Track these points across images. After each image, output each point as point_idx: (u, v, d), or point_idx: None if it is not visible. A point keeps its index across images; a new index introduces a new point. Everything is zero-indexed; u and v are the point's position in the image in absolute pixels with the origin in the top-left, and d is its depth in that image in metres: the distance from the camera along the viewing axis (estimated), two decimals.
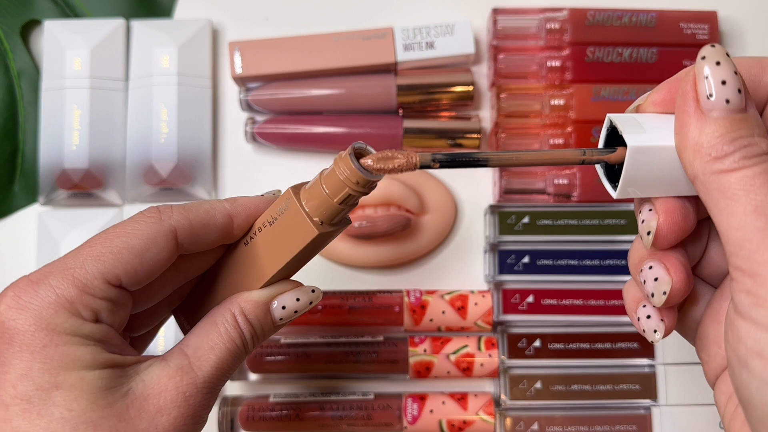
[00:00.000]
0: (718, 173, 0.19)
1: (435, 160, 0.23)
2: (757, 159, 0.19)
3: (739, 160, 0.19)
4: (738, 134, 0.19)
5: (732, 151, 0.19)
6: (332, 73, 0.42)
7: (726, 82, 0.20)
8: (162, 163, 0.41)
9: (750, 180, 0.19)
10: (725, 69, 0.20)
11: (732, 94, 0.20)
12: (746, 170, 0.19)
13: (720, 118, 0.20)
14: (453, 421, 0.39)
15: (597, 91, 0.42)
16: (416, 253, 0.43)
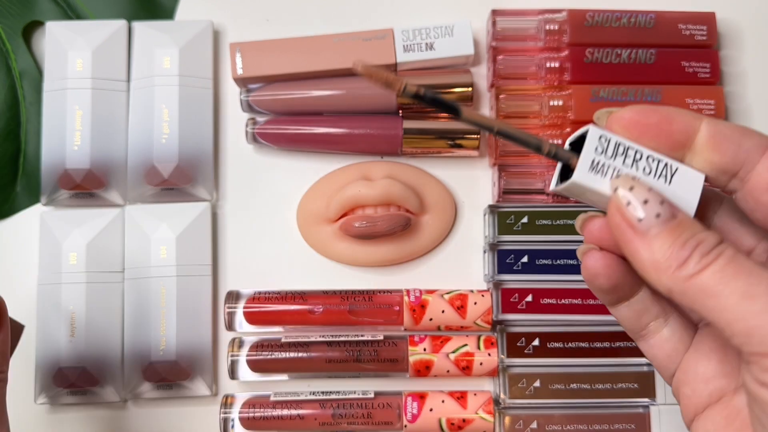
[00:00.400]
0: (689, 279, 0.20)
1: (417, 94, 0.23)
2: (715, 252, 0.20)
3: (700, 259, 0.20)
4: (684, 238, 0.21)
5: (689, 255, 0.20)
6: (332, 74, 0.43)
7: (648, 200, 0.21)
8: (163, 164, 0.42)
9: (721, 272, 0.20)
10: (640, 189, 0.21)
11: (658, 208, 0.21)
12: (713, 265, 0.20)
13: (660, 232, 0.21)
14: (452, 419, 0.39)
15: (596, 92, 0.42)
16: (416, 252, 0.43)
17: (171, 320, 0.41)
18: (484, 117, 0.24)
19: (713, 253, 0.20)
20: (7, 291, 0.44)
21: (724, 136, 0.23)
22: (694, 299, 0.20)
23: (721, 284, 0.20)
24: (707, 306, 0.20)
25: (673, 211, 0.21)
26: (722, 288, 0.20)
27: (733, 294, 0.19)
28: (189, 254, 0.42)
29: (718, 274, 0.20)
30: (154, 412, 0.42)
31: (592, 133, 0.23)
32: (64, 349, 0.40)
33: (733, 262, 0.20)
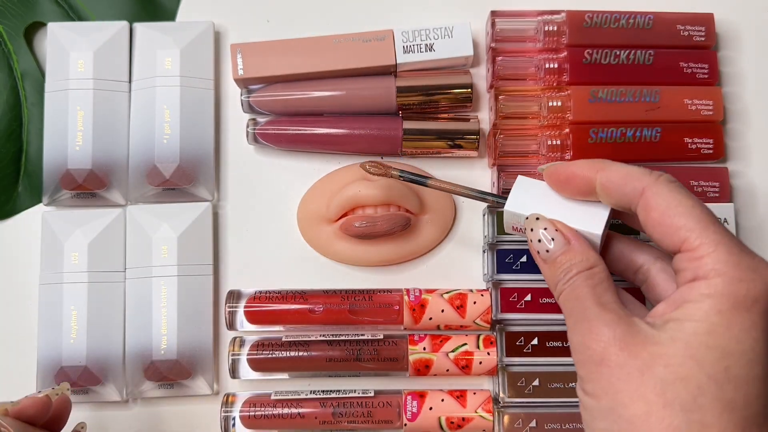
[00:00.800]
0: (561, 295, 0.30)
1: (400, 175, 0.37)
2: (573, 279, 0.29)
3: (567, 281, 0.29)
4: (564, 267, 0.29)
5: (557, 282, 0.30)
6: (333, 75, 0.43)
7: (541, 239, 0.30)
8: (165, 164, 0.42)
9: (564, 299, 0.29)
10: (536, 232, 0.31)
11: (546, 247, 0.30)
12: (567, 289, 0.29)
13: (547, 260, 0.30)
14: (452, 418, 0.40)
15: (594, 92, 0.42)
16: (416, 252, 0.43)
17: (172, 319, 0.41)
18: (446, 183, 0.36)
19: (572, 279, 0.29)
20: (8, 290, 0.44)
21: (612, 184, 0.29)
22: (565, 313, 0.30)
23: (564, 307, 0.30)
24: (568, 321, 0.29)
25: (561, 247, 0.30)
26: (564, 308, 0.30)
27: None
28: (190, 254, 0.42)
29: (568, 294, 0.29)
30: (156, 411, 0.43)
31: (520, 180, 0.33)
32: (65, 349, 0.41)
33: (573, 292, 0.29)
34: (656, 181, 0.28)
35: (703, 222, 0.26)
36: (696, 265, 0.26)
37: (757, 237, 0.44)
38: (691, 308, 0.26)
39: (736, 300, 0.25)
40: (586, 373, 0.27)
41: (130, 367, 0.41)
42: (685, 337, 0.25)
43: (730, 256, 0.26)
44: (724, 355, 0.25)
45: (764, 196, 0.44)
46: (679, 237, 0.27)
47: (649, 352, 0.26)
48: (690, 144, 0.43)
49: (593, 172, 0.30)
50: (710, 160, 0.43)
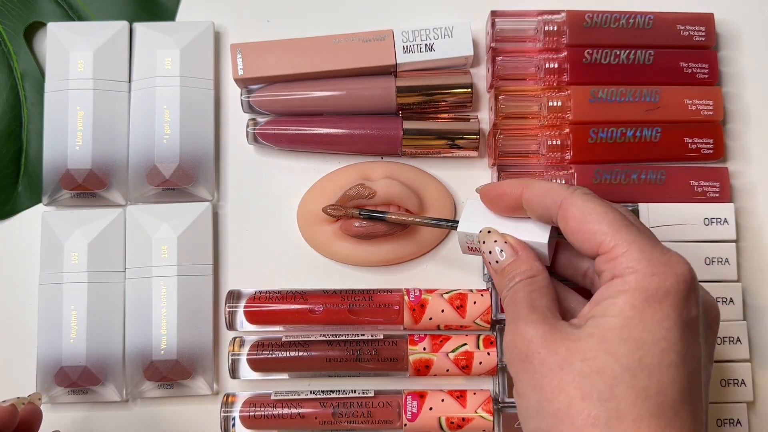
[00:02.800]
0: (504, 300, 0.32)
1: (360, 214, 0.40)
2: (515, 286, 0.31)
3: (510, 288, 0.31)
4: (510, 275, 0.32)
5: (502, 289, 0.32)
6: (333, 75, 0.43)
7: (492, 251, 0.33)
8: (165, 164, 0.42)
9: (512, 297, 0.31)
10: (488, 245, 0.33)
11: (498, 258, 0.32)
12: (509, 294, 0.31)
13: (497, 271, 0.33)
14: (452, 418, 0.40)
15: (594, 92, 0.42)
16: (416, 252, 0.43)
17: (172, 319, 0.41)
18: (406, 216, 0.39)
19: (512, 287, 0.31)
20: (8, 291, 0.44)
21: (534, 198, 0.31)
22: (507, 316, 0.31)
23: (505, 311, 0.31)
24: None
25: (508, 258, 0.32)
26: (505, 313, 0.31)
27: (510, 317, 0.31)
28: (190, 254, 0.42)
29: (509, 298, 0.31)
30: (156, 411, 0.43)
31: (469, 203, 0.36)
32: (65, 349, 0.41)
33: (512, 297, 0.31)
34: (572, 194, 0.30)
35: (615, 225, 0.28)
36: (612, 265, 0.28)
37: (757, 237, 0.44)
38: (607, 304, 0.27)
39: (648, 293, 0.27)
40: (514, 372, 0.29)
41: (130, 367, 0.41)
42: (600, 332, 0.27)
43: (642, 254, 0.27)
44: (638, 346, 0.26)
45: (764, 196, 0.45)
46: (595, 241, 0.29)
47: (567, 347, 0.27)
48: (690, 144, 0.43)
49: (519, 190, 0.32)
50: (710, 160, 0.43)
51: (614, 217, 0.29)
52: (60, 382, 0.41)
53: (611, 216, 0.29)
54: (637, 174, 0.42)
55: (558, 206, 0.30)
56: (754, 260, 0.44)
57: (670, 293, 0.27)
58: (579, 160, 0.42)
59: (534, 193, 0.31)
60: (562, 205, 0.30)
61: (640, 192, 0.42)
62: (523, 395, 0.28)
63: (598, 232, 0.28)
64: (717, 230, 0.42)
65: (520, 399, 0.29)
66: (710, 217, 0.42)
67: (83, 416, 0.42)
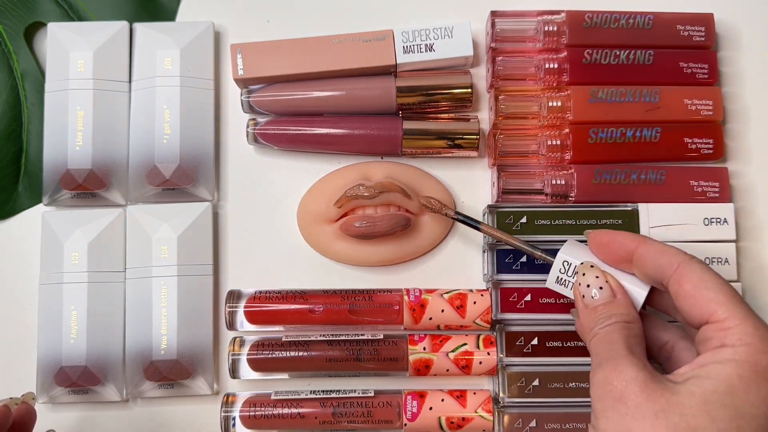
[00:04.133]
0: (595, 338, 0.31)
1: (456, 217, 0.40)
2: (611, 326, 0.31)
3: (605, 326, 0.31)
4: (605, 314, 0.31)
5: (592, 327, 0.32)
6: (333, 75, 0.43)
7: (590, 285, 0.33)
8: (165, 164, 0.42)
9: (607, 335, 0.31)
10: (588, 278, 0.33)
11: (593, 293, 0.32)
12: (602, 333, 0.31)
13: (588, 306, 0.32)
14: (452, 418, 0.40)
15: (594, 92, 0.42)
16: (416, 252, 0.43)
17: (172, 319, 0.41)
18: (501, 233, 0.39)
19: (607, 326, 0.31)
20: (8, 290, 0.44)
21: (649, 255, 0.32)
22: (592, 352, 0.32)
23: (594, 348, 0.31)
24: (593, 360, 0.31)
25: (611, 293, 0.32)
26: (593, 350, 0.31)
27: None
28: (190, 254, 0.42)
29: (602, 336, 0.31)
30: (156, 411, 0.43)
31: (570, 241, 0.36)
32: (65, 349, 0.41)
33: (607, 336, 0.31)
34: (690, 259, 0.31)
35: (732, 298, 0.29)
36: (723, 334, 0.28)
37: (757, 237, 0.44)
38: (714, 368, 0.28)
39: (758, 369, 0.27)
40: (602, 408, 0.28)
41: (130, 367, 0.41)
42: (703, 392, 0.27)
43: (757, 330, 0.28)
44: (738, 415, 0.26)
45: (764, 196, 0.45)
46: (708, 308, 0.29)
47: (667, 399, 0.27)
48: (690, 144, 0.43)
49: (634, 243, 0.33)
50: (710, 160, 0.43)
51: (730, 290, 0.29)
52: (60, 382, 0.41)
53: (727, 288, 0.29)
54: (637, 174, 0.42)
55: (674, 268, 0.30)
56: (754, 260, 0.44)
57: None
58: (579, 160, 0.42)
59: (650, 250, 0.32)
60: (679, 268, 0.30)
61: (640, 192, 0.42)
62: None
63: (713, 300, 0.29)
64: (717, 230, 0.42)
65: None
66: (710, 217, 0.42)
67: (83, 416, 0.42)
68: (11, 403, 0.34)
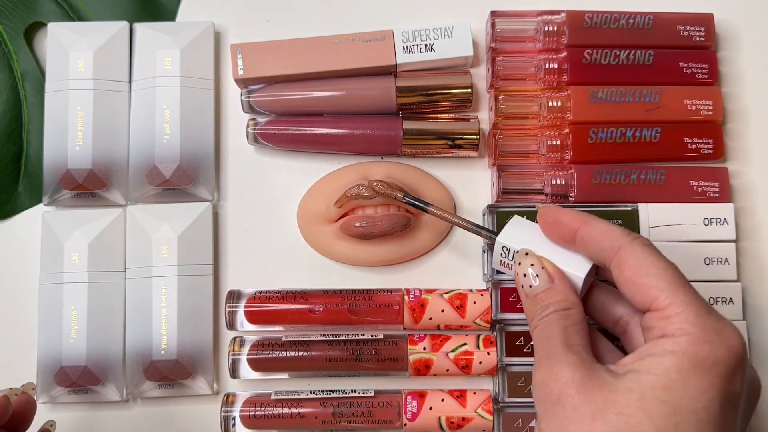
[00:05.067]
0: (534, 330, 0.31)
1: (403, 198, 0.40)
2: (548, 317, 0.30)
3: (542, 318, 0.30)
4: (543, 304, 0.31)
5: (533, 317, 0.31)
6: (333, 75, 0.43)
7: (526, 274, 0.32)
8: (165, 164, 0.42)
9: (544, 329, 0.30)
10: (523, 267, 0.32)
11: (531, 282, 0.32)
12: (540, 325, 0.30)
13: (529, 296, 0.32)
14: (452, 418, 0.40)
15: (594, 92, 0.42)
16: (416, 252, 0.43)
17: (172, 319, 0.41)
18: (448, 213, 0.38)
19: (543, 319, 0.30)
20: (8, 290, 0.44)
21: (591, 239, 0.31)
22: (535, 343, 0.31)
23: (534, 342, 0.31)
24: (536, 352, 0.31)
25: (548, 279, 0.31)
26: (534, 344, 0.31)
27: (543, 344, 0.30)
28: (190, 254, 0.42)
29: (536, 336, 0.31)
30: (156, 411, 0.43)
31: (515, 218, 0.35)
32: (65, 349, 0.41)
33: (545, 329, 0.30)
34: (632, 242, 0.29)
35: (673, 284, 0.28)
36: (664, 324, 0.27)
37: (757, 237, 0.44)
38: (653, 362, 0.27)
39: (697, 360, 0.26)
40: (542, 411, 0.28)
41: (130, 367, 0.41)
42: (641, 388, 0.26)
43: (698, 318, 0.27)
44: (676, 411, 0.25)
45: (764, 196, 0.45)
46: (649, 296, 0.28)
47: (604, 398, 0.26)
48: (690, 144, 0.43)
49: (577, 224, 0.31)
50: (710, 160, 0.43)
51: (673, 274, 0.28)
52: (60, 382, 0.41)
53: (670, 273, 0.28)
54: (637, 174, 0.42)
55: (615, 252, 0.29)
56: (754, 260, 0.44)
57: (719, 364, 0.26)
58: (579, 160, 0.42)
59: (591, 232, 0.30)
60: (620, 252, 0.29)
61: (640, 192, 0.42)
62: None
63: (654, 287, 0.28)
64: (717, 230, 0.42)
65: None
66: (710, 217, 0.42)
67: (83, 416, 0.42)
68: (11, 394, 0.34)
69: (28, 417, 0.35)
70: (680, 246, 0.41)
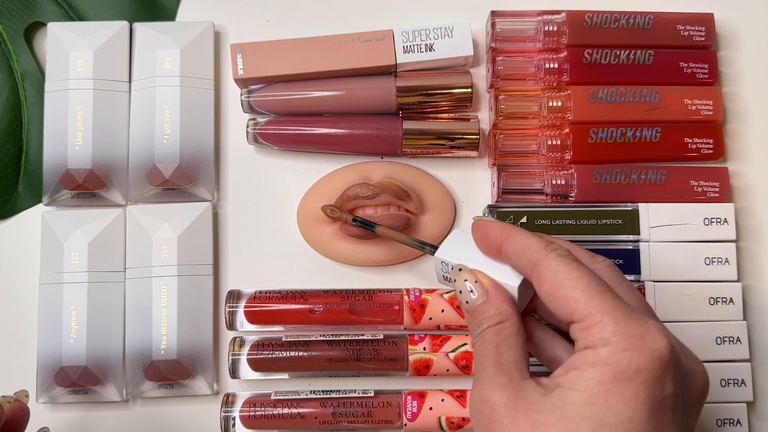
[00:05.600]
0: (473, 347, 0.30)
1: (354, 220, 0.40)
2: (482, 333, 0.30)
3: (478, 335, 0.30)
4: (478, 319, 0.30)
5: (474, 332, 0.30)
6: (333, 75, 0.43)
7: (462, 291, 0.31)
8: (165, 164, 0.42)
9: (480, 347, 0.29)
10: (459, 283, 0.31)
11: (468, 297, 0.31)
12: (477, 343, 0.30)
13: (468, 311, 0.31)
14: (452, 418, 0.40)
15: (594, 92, 0.42)
16: (416, 252, 0.43)
17: (172, 319, 0.41)
18: (395, 233, 0.38)
19: (479, 336, 0.30)
20: (8, 290, 0.44)
21: (512, 254, 0.30)
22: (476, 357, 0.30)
23: (474, 361, 0.30)
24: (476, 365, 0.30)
25: (479, 298, 0.31)
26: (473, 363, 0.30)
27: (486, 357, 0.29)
28: (190, 254, 0.42)
29: (474, 354, 0.30)
30: (156, 411, 0.43)
31: (455, 231, 0.34)
32: (65, 349, 0.41)
33: (480, 347, 0.29)
34: (547, 256, 0.28)
35: (589, 292, 0.27)
36: (585, 335, 0.26)
37: (757, 237, 0.44)
38: (575, 376, 0.26)
39: (618, 370, 0.25)
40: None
41: (130, 367, 0.41)
42: (564, 406, 0.26)
43: (617, 325, 0.26)
44: (600, 426, 0.25)
45: (764, 196, 0.45)
46: (569, 308, 0.27)
47: (529, 419, 0.26)
48: (690, 144, 0.43)
49: (501, 238, 0.30)
50: (710, 160, 0.43)
51: (588, 283, 0.27)
52: (60, 382, 0.41)
53: (585, 282, 0.27)
54: (637, 174, 0.42)
55: (533, 267, 0.28)
56: (754, 260, 0.44)
57: (642, 371, 0.25)
58: (579, 160, 0.42)
59: (512, 247, 0.30)
60: (537, 267, 0.28)
61: (640, 192, 0.42)
62: None
63: (571, 299, 0.27)
64: (717, 230, 0.42)
65: None
66: (710, 217, 0.42)
67: (83, 416, 0.42)
68: (4, 402, 0.34)
69: (21, 424, 0.35)
70: (680, 246, 0.41)
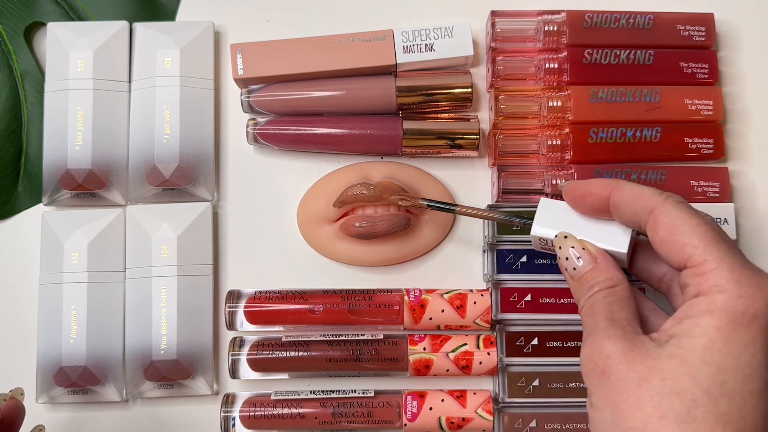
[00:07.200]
0: (582, 310, 0.31)
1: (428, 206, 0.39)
2: (594, 296, 0.30)
3: (588, 298, 0.30)
4: (588, 284, 0.31)
5: (580, 298, 0.31)
6: (333, 74, 0.43)
7: (569, 258, 0.32)
8: (165, 164, 0.42)
9: (591, 307, 0.30)
10: (564, 251, 0.32)
11: (575, 264, 0.32)
12: (587, 305, 0.30)
13: (574, 278, 0.32)
14: (452, 418, 0.40)
15: (594, 92, 0.42)
16: (416, 252, 0.43)
17: (172, 319, 0.41)
18: (477, 209, 0.37)
19: (589, 299, 0.30)
20: (8, 290, 0.44)
21: (623, 203, 0.30)
22: (584, 317, 0.31)
23: (582, 321, 0.31)
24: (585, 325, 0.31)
25: (587, 264, 0.31)
26: (582, 323, 0.31)
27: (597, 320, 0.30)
28: (190, 254, 0.42)
29: (590, 306, 0.31)
30: (156, 411, 0.43)
31: (542, 201, 0.35)
32: (65, 349, 0.41)
33: (591, 308, 0.30)
34: (665, 201, 0.29)
35: (706, 239, 0.27)
36: (699, 281, 0.27)
37: (757, 237, 0.44)
38: (691, 324, 0.27)
39: (735, 316, 0.26)
40: (590, 385, 0.28)
41: (130, 367, 0.41)
42: (683, 352, 0.26)
43: (732, 273, 0.26)
44: (720, 370, 0.25)
45: (764, 196, 0.45)
46: (684, 253, 0.28)
47: (647, 365, 0.27)
48: (690, 144, 0.43)
49: (607, 191, 0.31)
50: (710, 160, 0.43)
51: (706, 230, 0.28)
52: (60, 382, 0.41)
53: (703, 229, 0.28)
54: (637, 174, 0.42)
55: (648, 213, 0.29)
56: (755, 260, 0.43)
57: (758, 317, 0.26)
58: (579, 160, 0.42)
59: (624, 196, 0.30)
60: (654, 212, 0.29)
61: None
62: (598, 409, 0.28)
63: (688, 245, 0.27)
64: None
65: (593, 412, 0.28)
66: None
67: (83, 416, 0.42)
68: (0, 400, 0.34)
69: (16, 422, 0.35)
70: None
